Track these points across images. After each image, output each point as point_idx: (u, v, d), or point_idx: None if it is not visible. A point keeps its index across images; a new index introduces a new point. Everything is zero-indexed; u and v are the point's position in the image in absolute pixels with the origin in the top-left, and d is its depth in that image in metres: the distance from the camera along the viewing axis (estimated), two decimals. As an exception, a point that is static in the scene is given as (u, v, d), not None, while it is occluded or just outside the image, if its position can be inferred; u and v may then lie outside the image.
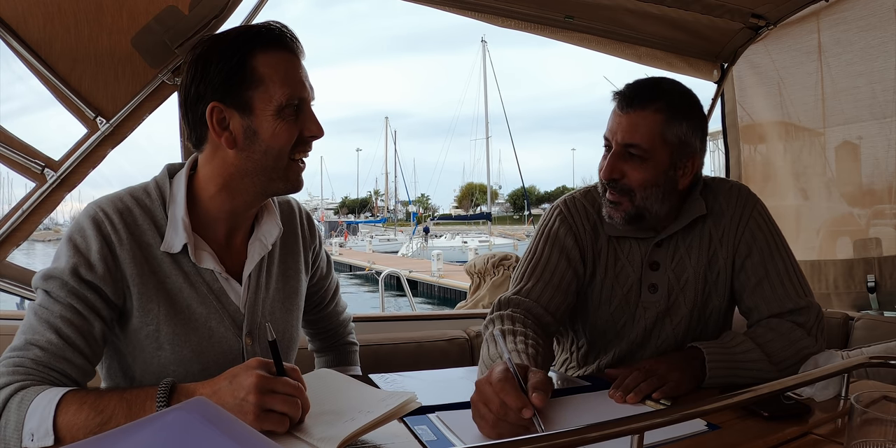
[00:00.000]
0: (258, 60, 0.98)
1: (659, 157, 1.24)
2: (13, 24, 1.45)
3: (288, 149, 1.01)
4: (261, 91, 0.98)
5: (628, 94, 1.25)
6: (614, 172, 1.25)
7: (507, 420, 0.88)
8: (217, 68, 0.97)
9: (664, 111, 1.23)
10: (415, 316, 2.38)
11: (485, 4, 2.06)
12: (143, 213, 1.01)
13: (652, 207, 1.27)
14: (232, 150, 1.00)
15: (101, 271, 0.95)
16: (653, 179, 1.25)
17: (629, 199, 1.26)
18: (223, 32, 1.03)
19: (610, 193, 1.28)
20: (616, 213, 1.28)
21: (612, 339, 1.40)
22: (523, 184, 58.38)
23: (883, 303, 2.32)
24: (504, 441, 0.64)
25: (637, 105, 1.23)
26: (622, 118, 1.25)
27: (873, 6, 2.21)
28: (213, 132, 0.99)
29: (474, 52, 67.72)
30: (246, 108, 0.98)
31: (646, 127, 1.23)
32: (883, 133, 2.27)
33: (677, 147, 1.25)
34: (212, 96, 0.98)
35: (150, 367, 1.02)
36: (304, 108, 1.02)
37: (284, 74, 0.99)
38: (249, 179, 1.02)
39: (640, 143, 1.23)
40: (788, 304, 1.27)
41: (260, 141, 0.99)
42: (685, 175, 1.29)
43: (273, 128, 0.99)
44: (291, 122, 1.00)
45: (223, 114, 0.99)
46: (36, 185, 1.56)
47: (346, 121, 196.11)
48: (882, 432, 0.72)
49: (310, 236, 1.25)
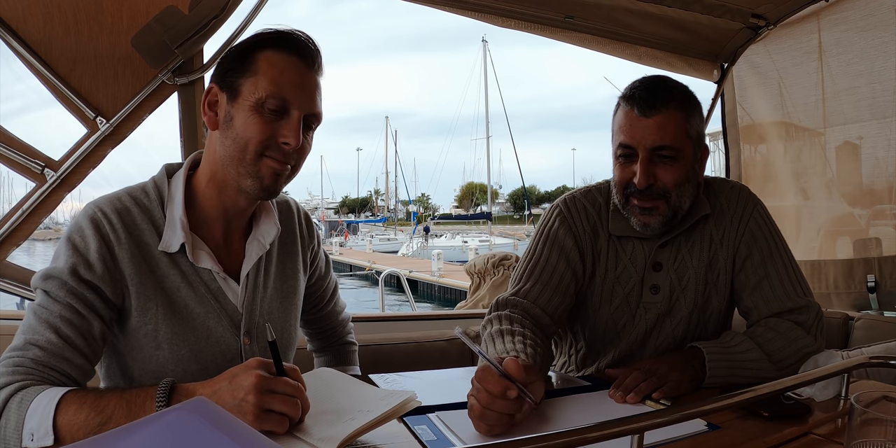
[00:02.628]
0: (263, 55, 1.01)
1: (686, 154, 1.25)
2: (13, 24, 1.45)
3: (255, 143, 0.99)
4: (250, 81, 0.99)
5: (645, 97, 1.22)
6: (650, 178, 1.23)
7: (495, 408, 0.89)
8: (230, 55, 1.02)
9: (682, 108, 1.23)
10: (414, 316, 2.38)
11: (485, 4, 2.06)
12: (141, 213, 1.02)
13: (684, 204, 1.27)
14: (215, 133, 1.03)
15: (100, 271, 0.96)
16: (685, 177, 1.25)
17: (665, 201, 1.25)
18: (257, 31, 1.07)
19: (641, 201, 1.25)
20: (652, 219, 1.26)
21: (611, 340, 1.40)
22: (524, 183, 58.46)
23: (883, 303, 2.32)
24: (504, 441, 0.64)
25: (660, 106, 1.21)
26: (647, 122, 1.21)
27: (873, 6, 2.21)
28: (203, 111, 1.03)
29: (475, 51, 67.75)
30: (233, 94, 1.00)
31: (672, 127, 1.22)
32: (883, 133, 2.27)
33: (697, 140, 1.27)
34: (214, 78, 1.03)
35: (148, 366, 1.02)
36: (291, 114, 1.00)
37: (279, 73, 1.00)
38: (226, 169, 1.03)
39: (671, 143, 1.22)
40: (788, 303, 1.27)
41: (233, 127, 1.00)
42: (702, 167, 1.31)
43: (246, 117, 0.99)
44: (267, 119, 0.99)
45: (216, 96, 1.03)
46: (36, 185, 1.56)
47: (346, 120, 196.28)
48: (882, 432, 0.72)
49: (308, 236, 1.26)
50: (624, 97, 1.26)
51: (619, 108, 1.27)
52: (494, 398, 0.89)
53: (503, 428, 0.90)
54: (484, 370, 0.94)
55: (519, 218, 76.65)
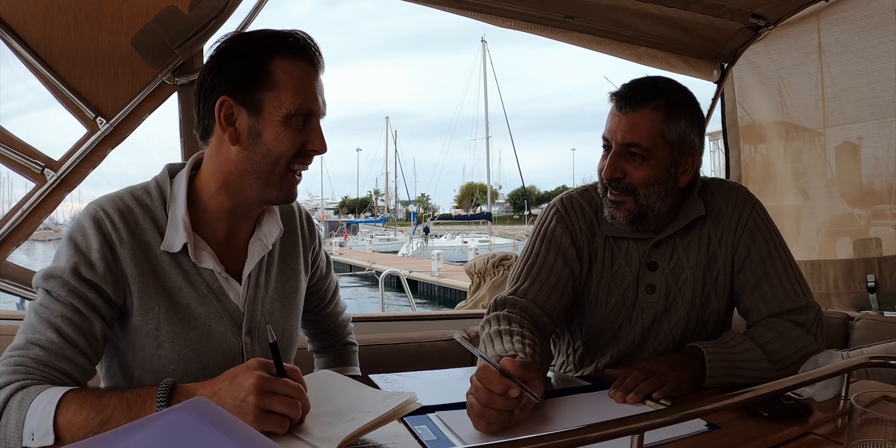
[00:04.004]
0: (277, 65, 0.99)
1: (660, 155, 1.25)
2: (13, 24, 1.45)
3: (288, 156, 1.01)
4: (273, 95, 0.98)
5: (626, 94, 1.25)
6: (616, 172, 1.26)
7: (495, 406, 0.90)
8: (236, 64, 0.99)
9: (662, 109, 1.23)
10: (415, 316, 2.38)
11: (485, 4, 2.06)
12: (143, 213, 1.02)
13: (654, 205, 1.27)
14: (235, 147, 1.01)
15: (102, 270, 0.96)
16: (655, 177, 1.25)
17: (633, 198, 1.26)
18: (248, 32, 1.05)
19: (612, 193, 1.28)
20: (619, 212, 1.28)
21: (609, 340, 1.40)
22: (523, 184, 58.52)
23: (883, 303, 2.32)
24: (504, 441, 0.64)
25: (635, 104, 1.23)
26: (621, 118, 1.25)
27: (873, 6, 2.21)
28: (219, 125, 1.00)
29: (475, 51, 67.73)
30: (255, 109, 0.99)
31: (645, 126, 1.23)
32: (883, 133, 2.27)
33: (677, 144, 1.26)
34: (225, 90, 0.99)
35: (149, 366, 1.02)
36: (312, 121, 1.03)
37: (300, 84, 1.00)
38: (247, 180, 1.03)
39: (640, 142, 1.23)
40: (788, 303, 1.27)
41: (262, 143, 1.00)
42: (686, 172, 1.29)
43: (277, 133, 0.99)
44: (297, 131, 1.01)
45: (231, 109, 1.00)
46: (36, 185, 1.56)
47: (346, 120, 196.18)
48: (882, 432, 0.72)
49: (309, 237, 1.26)
50: (611, 93, 1.29)
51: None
52: (494, 396, 0.89)
53: (502, 426, 0.91)
54: (484, 369, 0.94)
55: (519, 218, 76.64)
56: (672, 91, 1.27)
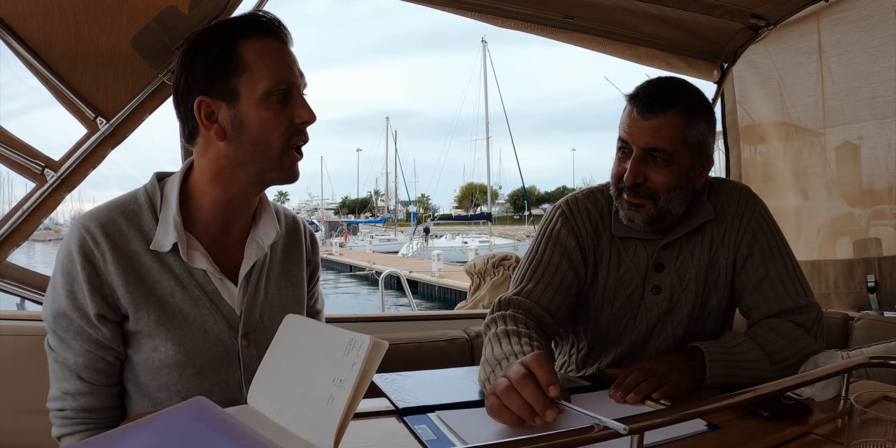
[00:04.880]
0: (243, 47, 0.97)
1: (681, 160, 1.25)
2: (13, 24, 1.45)
3: (278, 138, 1.00)
4: (246, 77, 0.97)
5: (646, 99, 1.24)
6: (639, 177, 1.25)
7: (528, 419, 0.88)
8: (203, 59, 0.97)
9: (684, 114, 1.23)
10: (415, 316, 2.37)
11: (485, 4, 2.06)
12: (127, 222, 1.01)
13: (674, 209, 1.27)
14: (222, 143, 1.00)
15: (93, 297, 0.97)
16: (676, 182, 1.25)
17: (653, 202, 1.26)
18: (208, 26, 1.03)
19: (630, 196, 1.27)
20: (638, 215, 1.28)
21: (613, 340, 1.40)
22: (523, 184, 58.41)
23: (883, 303, 2.32)
24: (504, 441, 0.64)
25: (658, 110, 1.22)
26: (643, 123, 1.23)
27: (873, 6, 2.21)
28: (202, 125, 0.99)
29: (476, 52, 67.75)
30: (232, 98, 0.98)
31: (668, 131, 1.22)
32: (883, 133, 2.27)
33: (697, 148, 1.26)
34: (199, 89, 0.98)
35: (148, 367, 1.02)
36: (293, 94, 1.01)
37: (270, 59, 0.98)
38: (241, 170, 1.02)
39: (664, 147, 1.22)
40: (788, 303, 1.27)
41: (247, 131, 0.99)
42: (701, 174, 1.30)
43: (259, 116, 0.98)
44: (279, 110, 0.99)
45: (210, 107, 0.98)
46: (36, 185, 1.56)
47: (346, 121, 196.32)
48: (882, 432, 0.72)
49: (312, 253, 1.26)
50: (629, 96, 1.28)
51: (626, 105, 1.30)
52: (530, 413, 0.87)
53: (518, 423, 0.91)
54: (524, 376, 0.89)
55: (519, 218, 76.64)
56: (690, 94, 1.27)
